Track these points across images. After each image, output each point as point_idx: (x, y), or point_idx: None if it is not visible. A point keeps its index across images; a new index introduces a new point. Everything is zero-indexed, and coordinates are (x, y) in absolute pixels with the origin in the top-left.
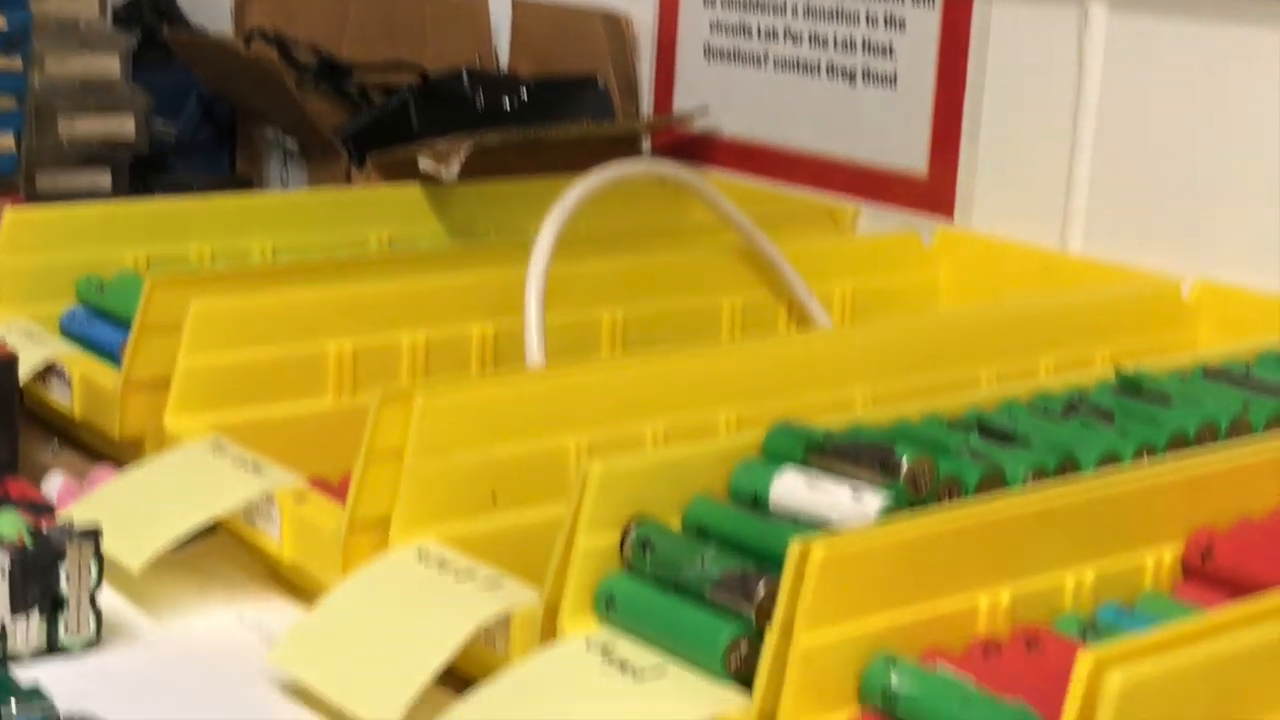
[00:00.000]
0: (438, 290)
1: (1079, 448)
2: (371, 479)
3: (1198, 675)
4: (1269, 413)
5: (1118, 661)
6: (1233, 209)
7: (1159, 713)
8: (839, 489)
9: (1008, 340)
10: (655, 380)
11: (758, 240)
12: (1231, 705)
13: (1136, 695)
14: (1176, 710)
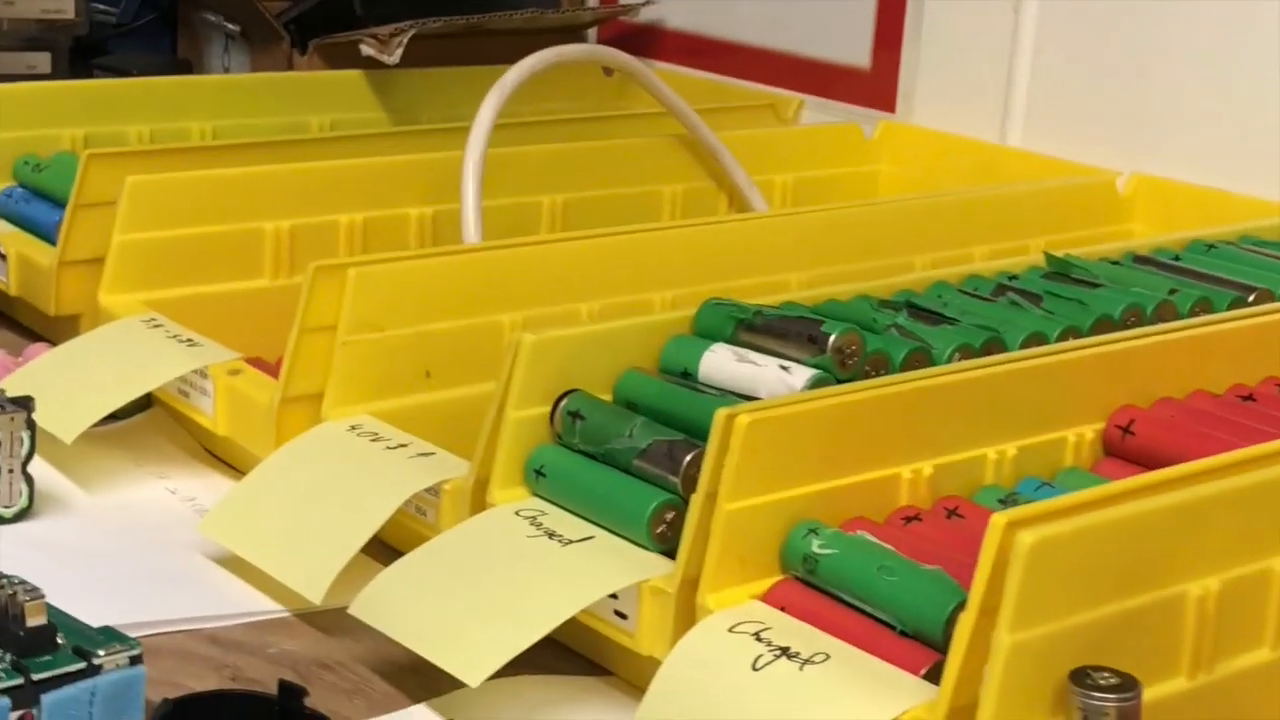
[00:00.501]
0: (376, 171)
1: (1005, 328)
2: (305, 353)
3: (1104, 537)
4: (1194, 298)
5: (1028, 523)
6: (1169, 106)
7: (1067, 572)
8: (767, 363)
9: (944, 229)
10: (591, 260)
11: (699, 129)
12: (1138, 567)
13: (1045, 554)
14: (1084, 570)
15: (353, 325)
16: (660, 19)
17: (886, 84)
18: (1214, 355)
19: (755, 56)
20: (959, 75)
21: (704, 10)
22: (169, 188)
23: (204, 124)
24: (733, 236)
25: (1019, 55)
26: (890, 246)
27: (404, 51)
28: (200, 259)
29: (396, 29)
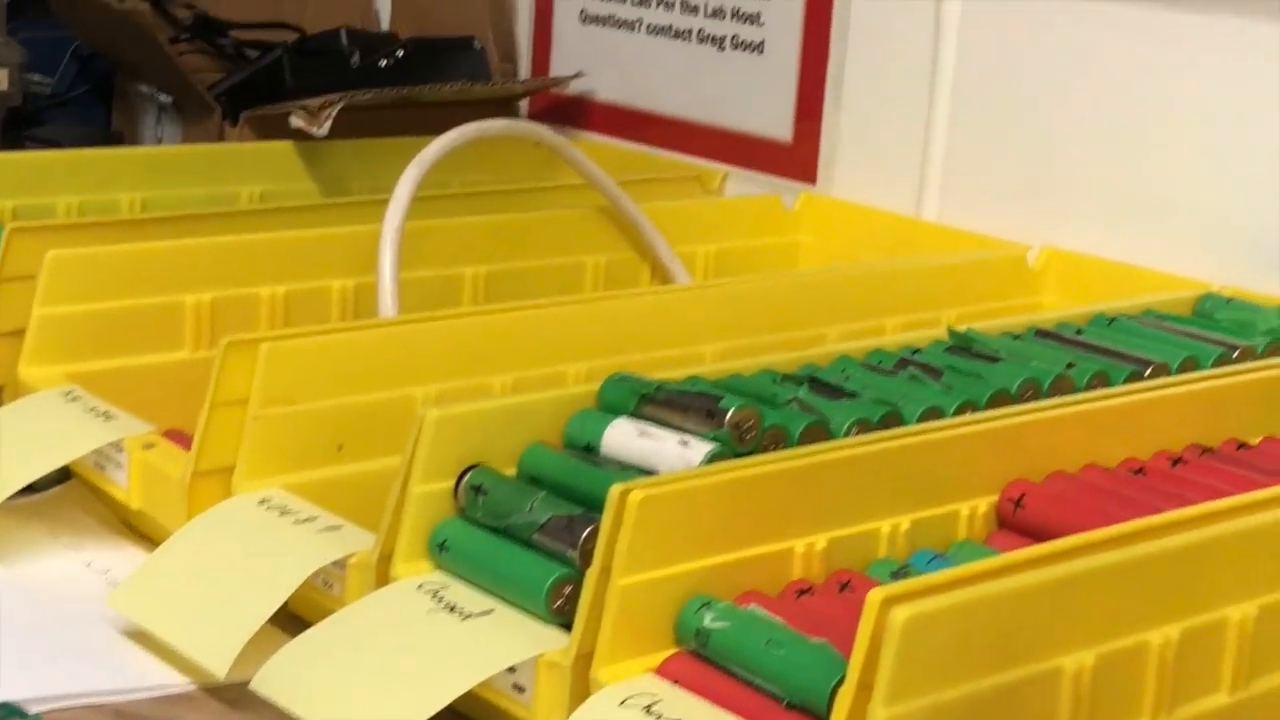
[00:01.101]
0: (298, 243)
1: (904, 402)
2: (217, 427)
3: (979, 613)
4: (1091, 372)
5: (904, 599)
6: (1080, 181)
7: (942, 647)
8: (667, 438)
9: (857, 302)
10: (506, 333)
11: (621, 201)
12: (1013, 641)
13: (919, 629)
14: (960, 645)
15: (264, 399)
16: (590, 91)
17: (808, 156)
18: (1107, 429)
19: (682, 129)
20: (877, 149)
21: (632, 83)
22: (89, 262)
23: (133, 195)
24: (648, 309)
25: (934, 130)
26: (804, 319)
27: (335, 122)
28: (121, 332)
29: (326, 101)
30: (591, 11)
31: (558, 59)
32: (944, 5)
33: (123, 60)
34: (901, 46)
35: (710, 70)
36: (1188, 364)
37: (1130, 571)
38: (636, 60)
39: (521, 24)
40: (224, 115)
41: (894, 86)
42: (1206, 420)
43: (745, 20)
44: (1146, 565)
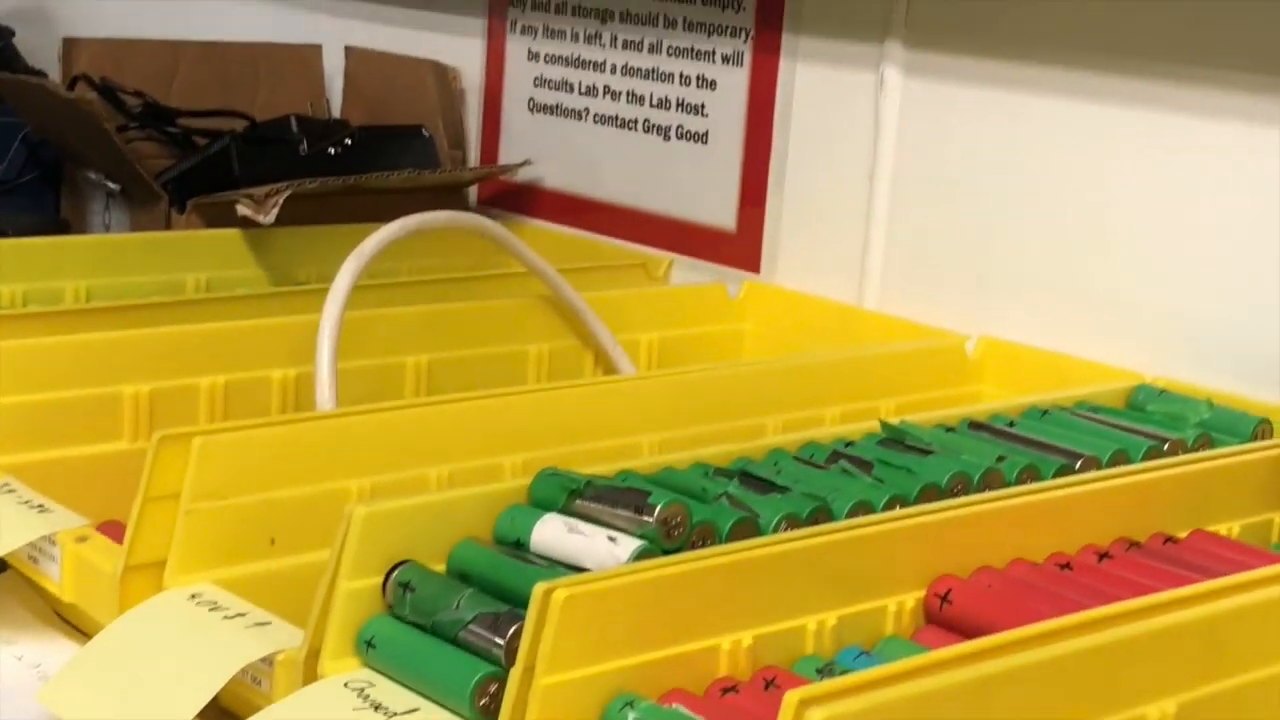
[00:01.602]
0: (238, 333)
1: (834, 496)
2: (149, 521)
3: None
4: (1022, 465)
5: (820, 700)
6: (1017, 271)
7: None
8: (595, 534)
9: (797, 392)
10: (442, 425)
11: (563, 290)
12: None
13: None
14: None
15: (196, 494)
16: (538, 178)
17: (751, 245)
18: (1034, 524)
19: (629, 216)
20: (819, 238)
21: (580, 171)
22: (27, 353)
23: (79, 283)
24: (586, 400)
25: (874, 220)
26: (744, 409)
27: (283, 209)
28: (59, 423)
29: (272, 189)
30: (540, 100)
31: (507, 146)
32: (883, 99)
33: (72, 147)
34: (842, 138)
35: (656, 159)
36: (1118, 457)
37: (1052, 669)
38: (584, 149)
39: (471, 112)
40: (171, 203)
41: (835, 177)
42: (1134, 514)
43: (690, 111)
44: (1068, 663)
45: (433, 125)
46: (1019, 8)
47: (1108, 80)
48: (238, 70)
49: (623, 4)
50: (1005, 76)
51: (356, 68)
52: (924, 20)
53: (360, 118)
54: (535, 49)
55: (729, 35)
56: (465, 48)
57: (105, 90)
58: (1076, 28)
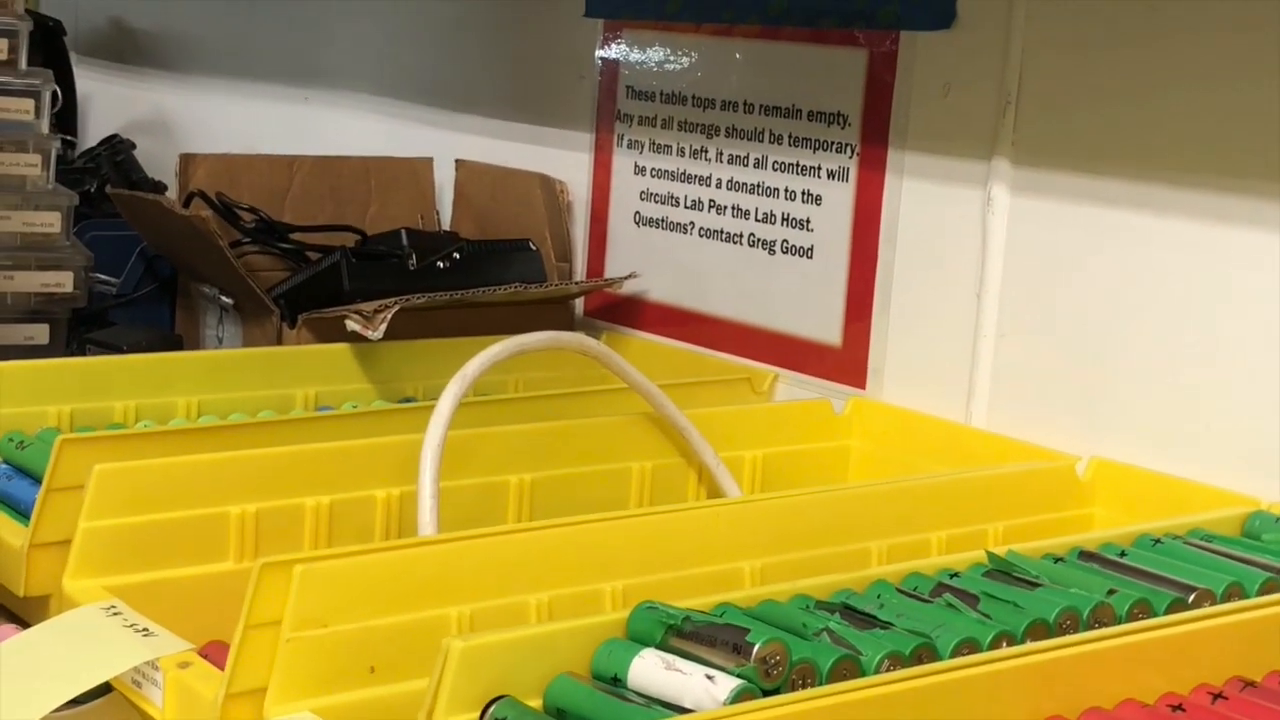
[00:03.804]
0: (342, 453)
1: (938, 633)
2: (250, 648)
3: None
4: (1133, 599)
5: None
6: (1131, 391)
7: None
8: (694, 671)
9: (904, 516)
10: (542, 551)
11: (666, 408)
12: None
13: None
14: None
15: (297, 622)
16: (643, 291)
17: (857, 361)
18: (1146, 663)
19: (734, 330)
20: (926, 355)
21: (685, 284)
22: (135, 475)
23: (189, 399)
24: (686, 525)
25: (982, 338)
26: (848, 533)
27: (393, 321)
28: (166, 544)
29: (381, 305)
30: (645, 214)
31: (613, 259)
32: (991, 216)
33: (186, 261)
34: (949, 254)
35: (761, 273)
36: (1233, 590)
37: None
38: (689, 262)
39: (578, 224)
40: (283, 317)
41: (942, 293)
42: (1249, 652)
43: (795, 225)
44: None
45: (540, 237)
46: (1128, 125)
47: (1221, 199)
48: (350, 183)
49: (729, 119)
50: (1115, 194)
51: (466, 180)
52: (1032, 137)
53: (470, 229)
54: (641, 163)
55: (834, 151)
56: (573, 161)
57: (220, 206)
58: (1186, 145)
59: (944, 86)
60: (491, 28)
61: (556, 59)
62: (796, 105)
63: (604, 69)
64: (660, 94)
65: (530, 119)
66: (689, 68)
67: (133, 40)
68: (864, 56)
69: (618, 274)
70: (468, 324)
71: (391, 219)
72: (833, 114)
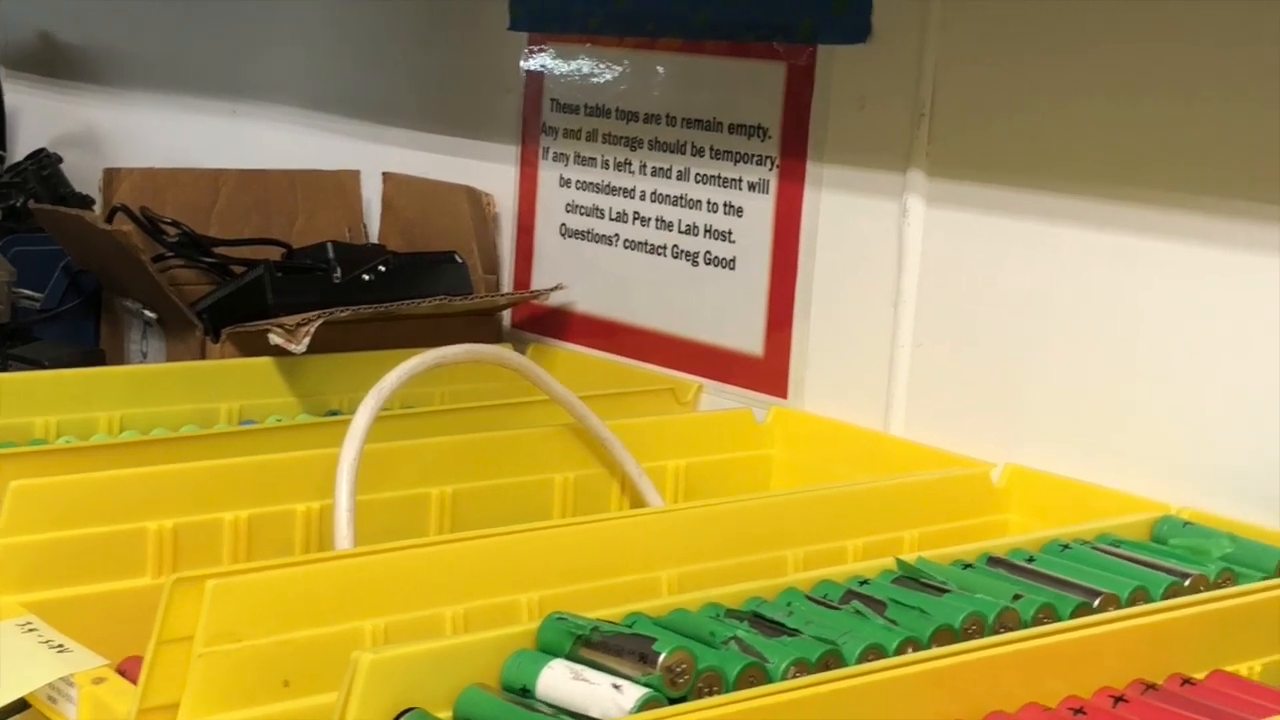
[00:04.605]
0: (262, 467)
1: (845, 639)
2: (163, 663)
3: None
4: (1038, 605)
5: None
6: (1043, 399)
7: None
8: (601, 681)
9: (820, 524)
10: (458, 564)
11: (589, 419)
12: None
13: None
14: None
15: (210, 637)
16: (570, 303)
17: (779, 371)
18: (1048, 667)
19: (659, 341)
20: (845, 365)
21: (610, 296)
22: (52, 491)
23: (112, 414)
24: (604, 535)
25: (899, 348)
26: (765, 541)
27: (318, 335)
28: (83, 560)
29: (304, 318)
30: (571, 226)
31: (539, 271)
32: (907, 227)
33: (110, 276)
34: (866, 265)
35: (685, 285)
36: (1137, 595)
37: None
38: (615, 274)
39: (505, 237)
40: (206, 331)
41: (860, 304)
42: (1151, 655)
43: (717, 237)
44: None
45: (467, 250)
46: (1040, 136)
47: (1133, 210)
48: (277, 196)
49: (652, 132)
50: (1028, 206)
51: (393, 193)
52: (946, 149)
53: (397, 242)
54: (567, 175)
55: (755, 163)
56: (499, 174)
57: (143, 220)
58: (1099, 157)
59: (860, 100)
60: (418, 41)
61: (482, 72)
62: (718, 118)
63: (529, 82)
64: (584, 107)
65: (457, 132)
66: (613, 81)
67: (61, 54)
68: (783, 70)
69: (544, 286)
70: (394, 337)
71: (318, 232)
72: (753, 127)
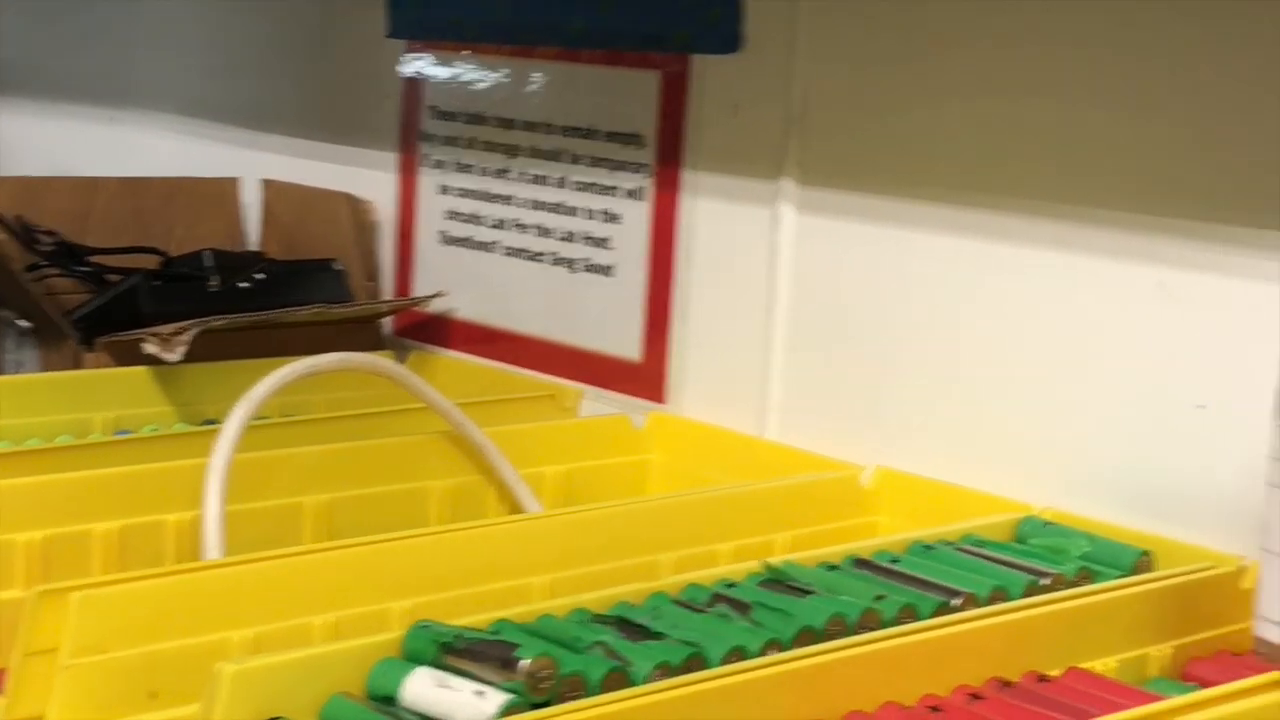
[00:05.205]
0: (134, 478)
1: (709, 642)
2: (27, 676)
3: None
4: (900, 605)
5: None
6: (913, 400)
7: None
8: (464, 688)
9: (694, 528)
10: (328, 572)
11: (465, 426)
12: None
13: None
14: None
15: (75, 649)
16: (450, 310)
17: (656, 376)
18: (907, 666)
19: (539, 348)
20: (721, 370)
21: (491, 302)
22: None
23: None
24: (476, 542)
25: (773, 353)
26: (639, 546)
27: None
28: None
29: (179, 327)
30: (451, 233)
31: (420, 278)
32: (779, 234)
33: None
34: (740, 272)
35: (564, 291)
36: (996, 594)
37: None
38: (495, 280)
39: (385, 244)
40: (80, 341)
41: (735, 310)
42: (1008, 653)
43: (595, 244)
44: None
45: (347, 257)
46: (907, 143)
47: (996, 216)
48: (156, 205)
49: (530, 140)
50: (895, 212)
51: (273, 200)
52: (816, 156)
53: (277, 250)
54: (446, 182)
55: (631, 171)
56: (379, 181)
57: (17, 229)
58: (964, 163)
59: (733, 108)
60: (297, 48)
61: (362, 79)
62: (595, 126)
63: (408, 89)
64: (463, 114)
65: (336, 139)
66: (491, 88)
67: None
68: (658, 79)
69: (425, 293)
70: (274, 345)
71: (198, 240)
72: (629, 134)
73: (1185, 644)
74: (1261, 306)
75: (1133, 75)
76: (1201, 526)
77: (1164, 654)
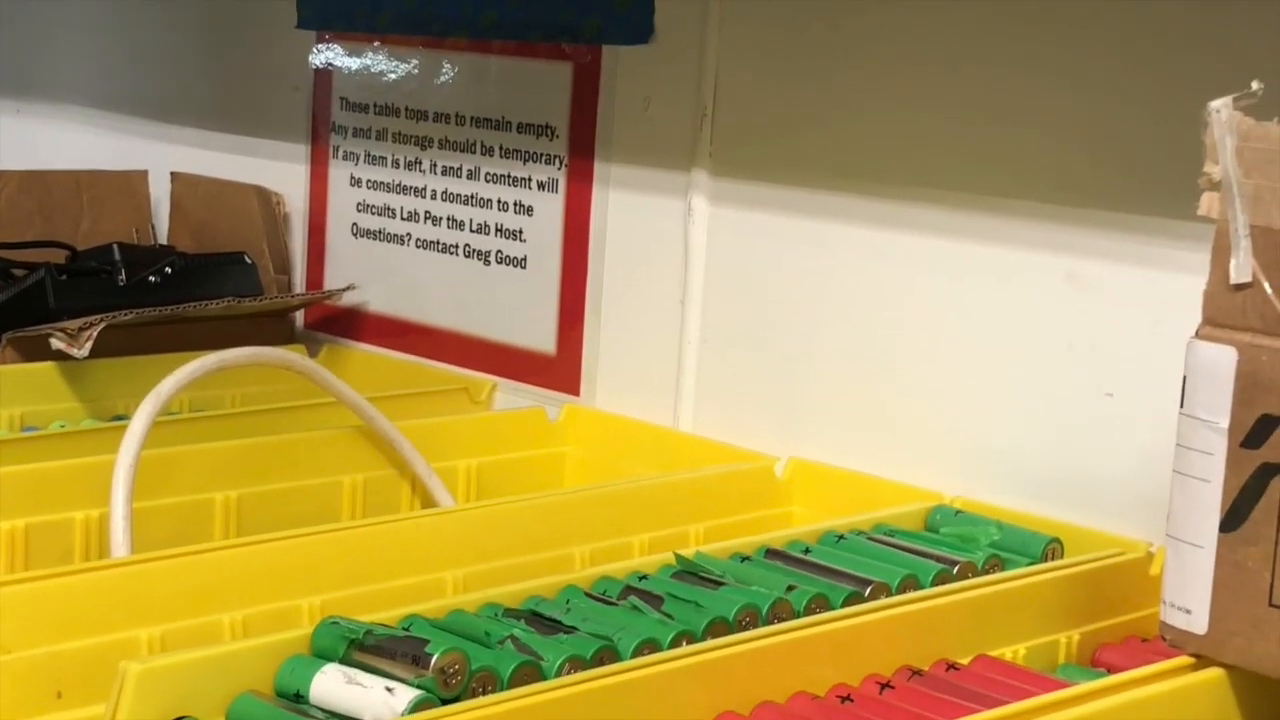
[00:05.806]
0: (39, 475)
1: (621, 635)
2: None
3: None
4: (811, 595)
5: None
6: (824, 394)
7: None
8: (374, 684)
9: (608, 520)
10: (237, 569)
11: (377, 420)
12: None
13: None
14: None
15: None
16: (363, 303)
17: (571, 368)
18: (817, 656)
19: (452, 340)
20: (635, 362)
21: (404, 295)
22: None
23: None
24: (387, 537)
25: (687, 345)
26: (553, 539)
27: (105, 339)
28: None
29: (86, 322)
30: (363, 225)
31: (332, 271)
32: (692, 225)
33: None
34: (654, 263)
35: (477, 283)
36: (907, 583)
37: None
38: (407, 273)
39: (296, 237)
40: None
41: (649, 301)
42: (918, 642)
43: (509, 236)
44: None
45: (258, 250)
46: (816, 137)
47: (904, 209)
48: (61, 198)
49: (441, 131)
50: (805, 204)
51: (182, 193)
52: (728, 149)
53: (187, 243)
54: (357, 175)
55: (544, 162)
56: (289, 173)
57: None
58: (874, 158)
59: (645, 100)
60: (205, 39)
61: (271, 70)
62: (506, 117)
63: (318, 80)
64: (374, 105)
65: (246, 130)
66: (401, 79)
67: None
68: (569, 70)
69: (336, 286)
70: (184, 339)
71: (106, 234)
72: (541, 126)
73: (1094, 630)
74: (1169, 295)
75: (1042, 65)
76: (1110, 513)
77: (1073, 640)
